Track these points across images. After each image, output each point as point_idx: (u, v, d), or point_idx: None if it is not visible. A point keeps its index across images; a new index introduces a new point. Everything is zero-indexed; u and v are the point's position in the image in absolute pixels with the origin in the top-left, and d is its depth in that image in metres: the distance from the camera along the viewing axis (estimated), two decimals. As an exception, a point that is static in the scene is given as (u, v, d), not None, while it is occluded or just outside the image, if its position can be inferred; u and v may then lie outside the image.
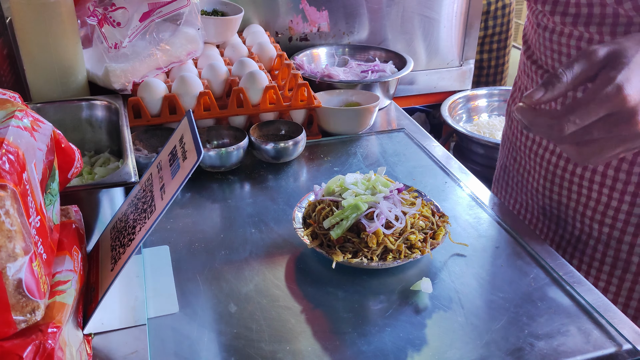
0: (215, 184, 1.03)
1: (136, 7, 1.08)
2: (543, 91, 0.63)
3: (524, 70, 1.01)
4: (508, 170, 1.10)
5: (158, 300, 0.76)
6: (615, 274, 0.92)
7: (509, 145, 1.09)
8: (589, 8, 0.81)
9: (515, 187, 1.08)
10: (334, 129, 1.20)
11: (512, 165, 1.08)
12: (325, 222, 0.82)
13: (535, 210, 1.03)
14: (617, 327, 0.72)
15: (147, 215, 0.71)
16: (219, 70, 1.17)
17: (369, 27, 1.56)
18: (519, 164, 1.05)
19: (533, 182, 1.01)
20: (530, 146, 1.00)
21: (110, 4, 1.08)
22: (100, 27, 1.05)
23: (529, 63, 0.98)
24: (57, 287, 0.61)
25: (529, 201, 1.04)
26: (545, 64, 0.93)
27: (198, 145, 0.69)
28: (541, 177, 0.99)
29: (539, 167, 0.99)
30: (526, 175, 1.03)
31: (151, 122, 1.08)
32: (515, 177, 1.07)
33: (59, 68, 1.05)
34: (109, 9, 1.06)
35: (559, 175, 0.95)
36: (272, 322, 0.73)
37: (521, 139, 1.03)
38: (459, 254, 0.85)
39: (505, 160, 1.11)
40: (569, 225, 0.96)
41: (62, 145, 0.68)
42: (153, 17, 1.07)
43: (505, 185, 1.12)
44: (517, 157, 1.06)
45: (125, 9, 1.07)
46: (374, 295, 0.78)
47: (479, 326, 0.72)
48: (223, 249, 0.86)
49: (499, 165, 1.15)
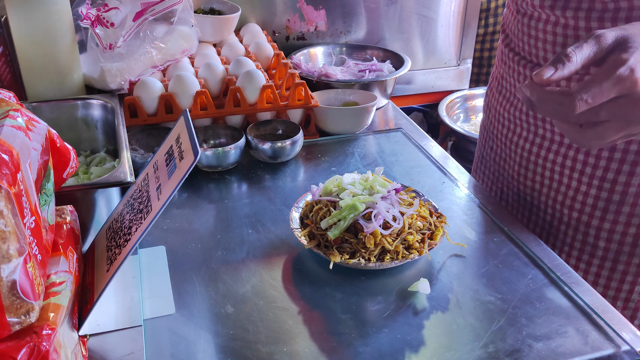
0: (212, 183, 1.03)
1: (129, 6, 1.08)
2: (553, 69, 0.63)
3: (502, 60, 1.02)
4: (485, 160, 1.12)
5: (154, 301, 0.76)
6: (583, 258, 0.94)
7: (485, 135, 1.11)
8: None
9: (492, 175, 1.09)
10: (331, 129, 1.20)
11: (489, 155, 1.09)
12: (323, 223, 0.81)
13: (510, 198, 1.05)
14: (615, 328, 0.72)
15: (144, 215, 0.70)
16: (215, 69, 1.16)
17: (367, 26, 1.55)
18: (495, 152, 1.07)
19: (509, 170, 1.03)
20: (506, 134, 1.02)
21: (103, 5, 1.07)
22: (94, 28, 1.05)
23: (507, 51, 0.99)
24: (52, 288, 0.60)
25: (504, 189, 1.06)
26: (523, 50, 0.94)
27: (195, 145, 0.68)
28: (516, 164, 1.01)
29: (514, 155, 1.00)
30: (502, 163, 1.05)
31: (147, 121, 1.08)
32: (492, 166, 1.09)
33: (54, 67, 1.04)
34: (101, 9, 1.06)
35: (532, 161, 0.97)
36: (269, 323, 0.72)
37: (498, 127, 1.04)
38: (456, 255, 0.85)
39: (482, 150, 1.13)
40: (541, 211, 0.98)
41: (57, 144, 0.67)
42: (146, 15, 1.07)
43: (482, 175, 1.14)
44: (494, 146, 1.07)
45: (118, 9, 1.06)
46: (371, 296, 0.77)
47: (477, 327, 0.72)
48: (220, 250, 0.86)
49: (477, 155, 1.17)
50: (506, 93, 1.02)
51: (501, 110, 1.03)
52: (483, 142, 1.13)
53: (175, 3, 1.09)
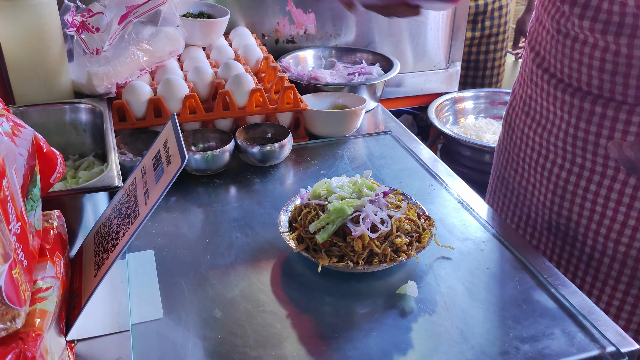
0: (201, 187, 1.03)
1: (114, 10, 1.08)
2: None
3: (531, 79, 0.95)
4: (507, 182, 1.05)
5: (142, 306, 0.76)
6: (631, 292, 0.89)
7: (507, 156, 1.05)
8: (621, 17, 0.77)
9: (515, 199, 1.03)
10: (320, 132, 1.20)
11: (512, 177, 1.03)
12: (311, 226, 0.81)
13: (538, 225, 0.99)
14: (600, 329, 0.72)
15: (131, 220, 0.70)
16: (204, 73, 1.16)
17: (356, 29, 1.56)
18: (521, 175, 1.01)
19: (539, 196, 0.97)
20: (536, 159, 0.96)
21: (87, 11, 1.07)
22: (80, 34, 1.04)
23: (540, 72, 0.92)
24: (39, 294, 0.60)
25: (531, 215, 1.00)
26: (561, 73, 0.88)
27: (182, 150, 0.68)
28: (549, 192, 0.95)
29: (547, 182, 0.95)
30: (530, 188, 0.99)
31: (136, 125, 1.08)
32: (516, 190, 1.03)
33: (42, 71, 1.04)
34: (86, 15, 1.06)
35: (570, 191, 0.91)
36: (258, 327, 0.72)
37: (526, 150, 0.98)
38: (444, 257, 0.85)
39: (503, 171, 1.07)
40: (578, 241, 0.93)
41: (43, 150, 0.67)
42: (130, 17, 1.07)
43: (503, 197, 1.08)
44: (519, 169, 1.01)
45: (103, 14, 1.06)
46: (360, 299, 0.77)
47: (464, 330, 0.72)
48: (208, 254, 0.86)
49: (495, 175, 1.11)
50: (535, 115, 0.96)
51: (530, 133, 0.97)
52: (504, 162, 1.06)
53: (160, 4, 1.09)
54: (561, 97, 0.88)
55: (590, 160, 0.87)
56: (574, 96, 0.86)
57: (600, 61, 0.81)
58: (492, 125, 1.72)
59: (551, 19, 0.88)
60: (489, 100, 1.82)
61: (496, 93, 1.83)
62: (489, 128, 1.70)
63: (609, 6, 0.78)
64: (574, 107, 0.87)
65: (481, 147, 1.56)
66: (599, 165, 0.87)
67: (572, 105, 0.87)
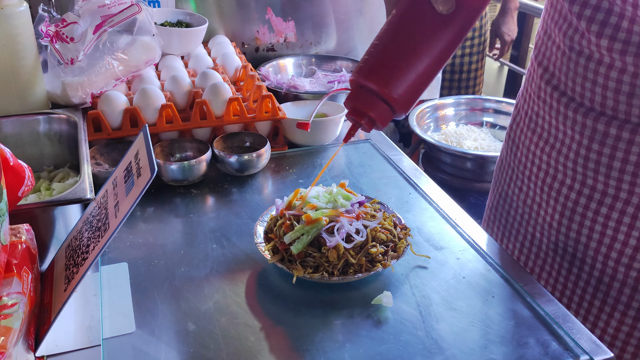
0: (177, 198, 1.02)
1: (88, 20, 1.07)
2: None
3: (539, 96, 0.91)
4: (510, 200, 1.01)
5: (114, 320, 0.75)
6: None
7: (510, 173, 1.00)
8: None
9: (520, 217, 0.99)
10: (299, 141, 1.20)
11: (517, 195, 0.99)
12: (286, 237, 0.81)
13: (544, 245, 0.95)
14: (574, 337, 0.72)
15: (101, 233, 0.69)
16: (181, 81, 1.15)
17: (337, 37, 1.56)
18: (526, 194, 0.97)
19: (545, 216, 0.93)
20: (543, 178, 0.92)
21: (61, 20, 1.06)
22: (54, 44, 1.03)
23: (549, 89, 0.88)
24: (3, 310, 0.59)
25: (536, 234, 0.96)
26: (573, 91, 0.84)
27: (152, 162, 0.68)
28: (556, 212, 0.90)
29: (554, 202, 0.90)
30: (536, 207, 0.95)
31: (112, 135, 1.07)
32: (520, 208, 0.99)
33: (16, 82, 1.02)
34: (60, 25, 1.05)
35: (579, 213, 0.87)
36: (231, 340, 0.72)
37: (532, 168, 0.94)
38: (421, 266, 0.85)
39: (506, 188, 1.02)
40: (587, 265, 0.89)
41: (10, 163, 0.66)
42: (105, 27, 1.06)
43: (506, 214, 1.03)
44: (523, 187, 0.97)
45: (77, 24, 1.05)
46: (335, 310, 0.77)
47: (438, 340, 0.72)
48: (183, 266, 0.85)
49: (496, 191, 1.06)
50: (542, 133, 0.91)
51: (537, 151, 0.93)
52: (507, 179, 1.02)
53: (135, 13, 1.08)
54: (572, 117, 0.84)
55: (602, 182, 0.83)
56: (587, 116, 0.82)
57: (616, 82, 0.78)
58: (472, 132, 1.73)
59: (563, 34, 0.84)
60: (469, 107, 1.83)
61: (476, 100, 1.84)
62: (470, 135, 1.71)
63: (629, 25, 0.74)
64: (587, 128, 0.83)
65: (461, 154, 1.57)
66: (611, 187, 0.83)
67: (584, 125, 0.83)
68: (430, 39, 0.71)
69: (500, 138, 1.77)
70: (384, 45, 0.72)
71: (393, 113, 0.73)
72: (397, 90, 0.70)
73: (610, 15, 0.76)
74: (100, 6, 1.09)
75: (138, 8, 1.09)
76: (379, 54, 0.72)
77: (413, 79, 0.71)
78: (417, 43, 0.71)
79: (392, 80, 0.70)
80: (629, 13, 0.73)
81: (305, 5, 1.49)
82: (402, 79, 0.70)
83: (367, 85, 0.71)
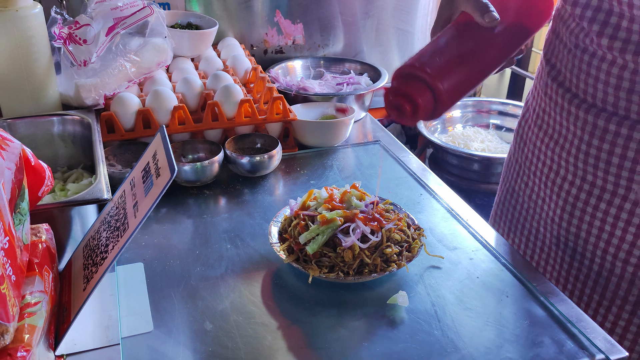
0: (190, 198, 1.03)
1: (101, 22, 1.07)
2: None
3: (545, 93, 0.94)
4: (517, 195, 1.03)
5: (132, 319, 0.75)
6: (638, 313, 0.87)
7: (517, 169, 1.03)
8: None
9: (525, 212, 1.02)
10: (310, 142, 1.20)
11: (523, 190, 1.01)
12: (301, 237, 0.81)
13: (547, 240, 0.97)
14: (589, 337, 0.73)
15: (120, 233, 0.70)
16: (193, 84, 1.16)
17: (344, 39, 1.57)
18: (531, 189, 0.99)
19: (548, 211, 0.95)
20: (547, 173, 0.94)
21: (74, 22, 1.07)
22: (67, 46, 1.04)
23: (555, 86, 0.91)
24: (27, 309, 0.59)
25: (540, 229, 0.98)
26: (577, 88, 0.87)
27: (171, 162, 0.68)
28: (558, 207, 0.93)
29: (556, 197, 0.93)
30: (540, 202, 0.97)
31: (125, 136, 1.07)
32: (525, 203, 1.01)
33: (30, 83, 1.03)
34: (73, 27, 1.06)
35: (579, 208, 0.90)
36: (248, 339, 0.72)
37: (537, 164, 0.97)
38: (434, 267, 0.86)
39: (513, 184, 1.04)
40: (586, 259, 0.91)
41: (31, 163, 0.66)
42: (118, 29, 1.07)
43: (513, 209, 1.06)
44: (529, 183, 0.99)
45: (90, 26, 1.06)
46: (350, 310, 0.77)
47: (454, 339, 0.73)
48: (198, 266, 0.85)
49: (504, 187, 1.08)
50: (548, 129, 0.94)
51: (542, 147, 0.96)
52: (514, 175, 1.04)
53: (147, 15, 1.09)
54: (575, 113, 0.87)
55: (601, 178, 0.86)
56: (589, 112, 0.85)
57: (617, 79, 0.80)
58: (479, 134, 1.74)
59: (570, 32, 0.87)
60: (476, 109, 1.83)
61: (482, 102, 1.85)
62: (477, 137, 1.72)
63: (628, 24, 0.77)
64: (588, 124, 0.85)
65: (468, 156, 1.57)
66: (609, 183, 0.85)
67: (585, 121, 0.86)
68: (482, 48, 0.76)
69: (506, 140, 1.77)
70: (444, 43, 0.76)
71: (434, 107, 0.75)
72: (445, 83, 0.73)
73: (610, 15, 0.79)
74: (112, 8, 1.10)
75: (150, 10, 1.10)
76: (438, 48, 0.75)
77: (461, 78, 0.75)
78: (473, 49, 0.76)
79: (444, 73, 0.73)
80: (627, 13, 0.77)
81: (313, 8, 1.50)
82: (452, 75, 0.74)
83: (421, 71, 0.73)
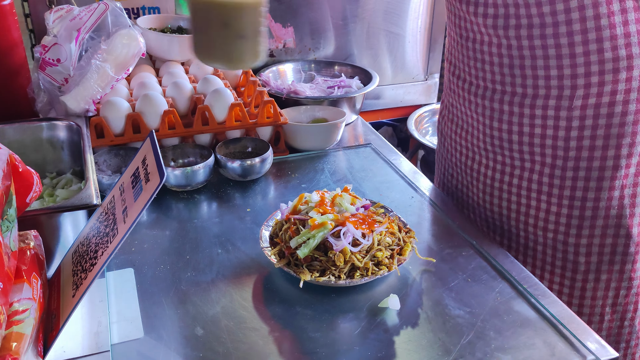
0: (181, 203, 1.02)
1: (67, 37, 1.08)
2: None
3: (450, 89, 1.03)
4: (447, 188, 1.12)
5: (122, 325, 0.75)
6: (566, 275, 0.95)
7: (443, 163, 1.12)
8: (505, 9, 0.85)
9: (457, 202, 1.09)
10: (301, 146, 1.20)
11: (451, 182, 1.10)
12: (292, 242, 0.81)
13: (478, 223, 1.05)
14: (580, 338, 0.73)
15: (110, 239, 0.69)
16: (183, 88, 1.16)
17: (335, 42, 1.57)
18: (457, 180, 1.07)
19: (473, 197, 1.03)
20: (465, 162, 1.03)
21: (42, 47, 1.07)
22: (44, 72, 1.05)
23: (455, 80, 1.00)
24: (15, 316, 0.59)
25: (470, 215, 1.06)
26: (469, 75, 0.96)
27: (161, 167, 0.68)
28: (480, 192, 1.01)
29: (477, 182, 1.01)
30: (465, 190, 1.05)
31: (115, 141, 1.07)
32: (455, 194, 1.09)
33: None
34: (43, 52, 1.07)
35: (497, 188, 0.98)
36: (240, 344, 0.72)
37: (456, 155, 1.05)
38: (426, 269, 0.86)
39: (442, 178, 1.13)
40: (514, 234, 0.99)
41: (19, 169, 0.66)
42: (82, 35, 1.08)
43: (455, 203, 1.11)
44: (454, 174, 1.08)
45: (58, 44, 1.07)
46: (342, 314, 0.77)
47: (446, 342, 0.73)
48: (189, 271, 0.85)
49: (437, 182, 1.17)
50: (458, 121, 1.03)
51: (457, 138, 1.04)
52: (442, 169, 1.13)
53: (103, 11, 1.10)
54: (474, 101, 0.96)
55: (508, 156, 0.94)
56: (484, 98, 0.94)
57: (498, 57, 0.89)
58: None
59: (456, 26, 0.95)
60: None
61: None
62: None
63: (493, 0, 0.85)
64: (486, 109, 0.94)
65: (460, 158, 1.57)
66: (516, 160, 0.93)
67: (484, 107, 0.94)
68: None
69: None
70: None
71: None
72: None
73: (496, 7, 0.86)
74: (71, 19, 1.10)
75: (105, 6, 1.11)
76: None
77: None
78: None
79: None
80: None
81: (303, 11, 1.50)
82: None
83: None
